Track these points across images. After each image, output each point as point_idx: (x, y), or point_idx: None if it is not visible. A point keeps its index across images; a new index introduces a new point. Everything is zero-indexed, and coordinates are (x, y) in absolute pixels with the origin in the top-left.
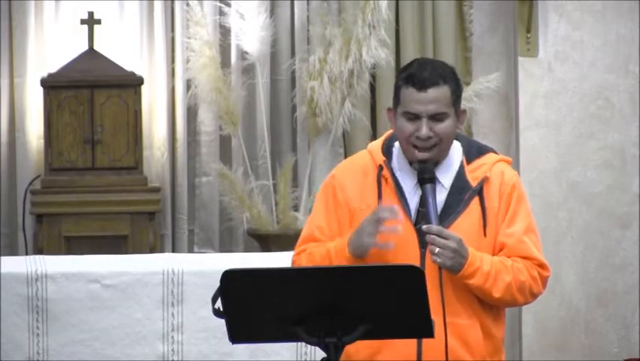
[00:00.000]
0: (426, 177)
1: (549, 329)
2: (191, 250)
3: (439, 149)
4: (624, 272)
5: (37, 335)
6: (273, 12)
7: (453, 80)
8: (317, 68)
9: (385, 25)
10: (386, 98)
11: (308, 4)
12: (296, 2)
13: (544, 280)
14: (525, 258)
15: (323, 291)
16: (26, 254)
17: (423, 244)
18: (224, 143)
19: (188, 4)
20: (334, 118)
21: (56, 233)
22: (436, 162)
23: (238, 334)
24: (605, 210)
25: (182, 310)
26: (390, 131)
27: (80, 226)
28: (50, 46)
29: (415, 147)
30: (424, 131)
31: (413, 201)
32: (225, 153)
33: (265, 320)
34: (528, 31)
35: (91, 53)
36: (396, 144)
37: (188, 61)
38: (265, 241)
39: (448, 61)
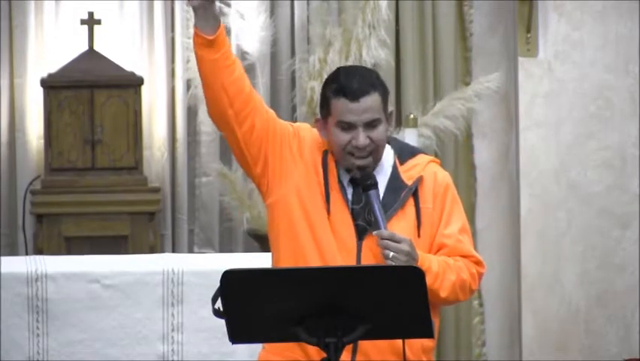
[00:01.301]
0: (369, 183)
1: (549, 329)
2: (191, 250)
3: (375, 154)
4: (624, 272)
5: (37, 335)
6: (273, 12)
7: (380, 85)
8: (317, 68)
9: (385, 25)
10: None
11: (308, 4)
12: (296, 2)
13: (480, 277)
14: (463, 256)
15: (323, 291)
16: (26, 254)
17: (360, 236)
18: (224, 143)
19: (188, 4)
20: None
21: (56, 233)
22: (374, 167)
23: (238, 334)
24: (604, 210)
25: (182, 310)
26: None
27: (80, 226)
28: (50, 46)
29: (352, 154)
30: (361, 140)
31: (349, 196)
32: (225, 153)
33: (265, 320)
34: (528, 31)
35: (91, 53)
36: None
37: (188, 61)
38: (265, 241)
39: (448, 61)
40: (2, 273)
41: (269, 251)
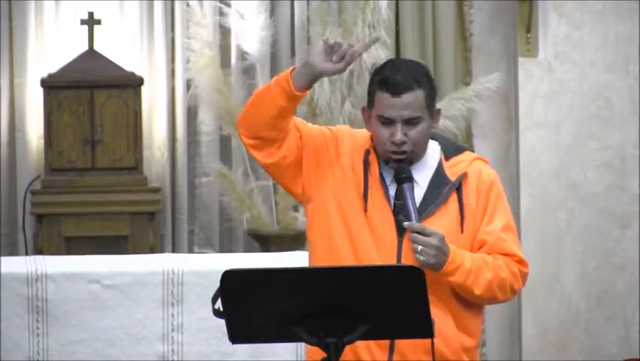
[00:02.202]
0: (403, 177)
1: (549, 329)
2: (191, 251)
3: (413, 151)
4: (624, 272)
5: (37, 335)
6: (273, 12)
7: (427, 82)
8: None
9: (385, 25)
10: None
11: (308, 4)
12: (296, 2)
13: (524, 277)
14: (505, 255)
15: (323, 291)
16: (26, 254)
17: (400, 233)
18: (224, 143)
19: (188, 5)
20: (334, 118)
21: (56, 233)
22: (411, 161)
23: (238, 334)
24: (604, 210)
25: (182, 311)
26: None
27: (80, 226)
28: (50, 46)
29: (389, 149)
30: (399, 136)
31: (392, 191)
32: (225, 153)
33: (265, 320)
34: (528, 31)
35: (91, 53)
36: None
37: (188, 61)
38: (265, 242)
39: (448, 61)
40: (2, 273)
41: (269, 251)
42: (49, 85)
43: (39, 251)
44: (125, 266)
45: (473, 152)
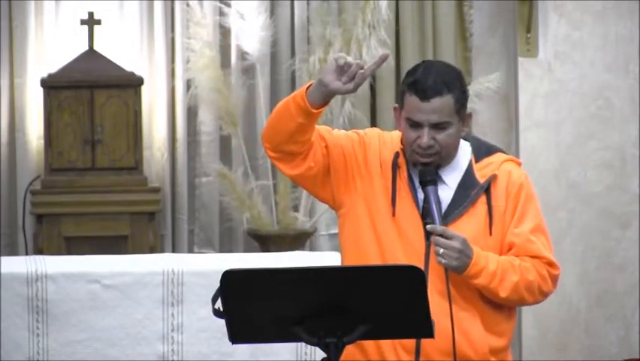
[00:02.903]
0: (428, 180)
1: (549, 329)
2: (191, 250)
3: (439, 156)
4: (624, 272)
5: (37, 335)
6: (273, 12)
7: (458, 87)
8: (317, 68)
9: (385, 25)
10: (386, 98)
11: (308, 4)
12: (296, 2)
13: (554, 279)
14: (534, 257)
15: (323, 291)
16: (26, 254)
17: (428, 236)
18: (224, 143)
19: (188, 5)
20: (334, 118)
21: (56, 233)
22: (439, 165)
23: (238, 334)
24: (604, 210)
25: (182, 311)
26: None
27: (80, 226)
28: (50, 46)
29: (417, 153)
30: (425, 140)
31: (420, 195)
32: (225, 153)
33: (265, 320)
34: (528, 31)
35: (91, 53)
36: None
37: (188, 61)
38: (265, 242)
39: (448, 61)
40: (2, 273)
41: (269, 251)
42: (49, 85)
43: (39, 251)
44: (125, 266)
45: (506, 153)
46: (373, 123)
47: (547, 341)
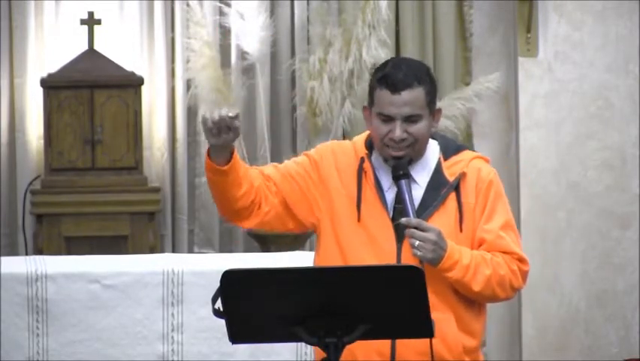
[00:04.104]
0: (400, 174)
1: (549, 329)
2: (191, 250)
3: (412, 148)
4: (624, 272)
5: (37, 335)
6: (273, 12)
7: (427, 80)
8: (317, 68)
9: (385, 25)
10: None
11: (308, 4)
12: (296, 2)
13: (524, 275)
14: (504, 253)
15: (323, 291)
16: (26, 254)
17: (399, 239)
18: None
19: (188, 5)
20: (334, 118)
21: (56, 233)
22: (410, 160)
23: (238, 334)
24: (604, 210)
25: (182, 310)
26: None
27: (80, 226)
28: (50, 46)
29: (389, 146)
30: (398, 133)
31: (390, 196)
32: None
33: (265, 320)
34: (528, 31)
35: (91, 53)
36: None
37: (188, 61)
38: (265, 241)
39: (448, 61)
40: (2, 273)
41: (269, 251)
42: (49, 85)
43: (39, 251)
44: (125, 266)
45: (474, 151)
46: None
47: (547, 340)
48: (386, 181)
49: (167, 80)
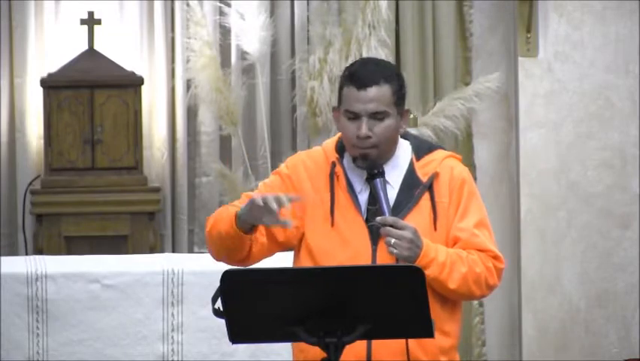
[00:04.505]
0: (375, 173)
1: (549, 329)
2: (191, 250)
3: (377, 149)
4: (624, 272)
5: (37, 335)
6: (273, 12)
7: (395, 80)
8: (317, 68)
9: (385, 25)
10: None
11: (308, 4)
12: (296, 2)
13: (499, 272)
14: (479, 250)
15: (323, 291)
16: (26, 254)
17: (374, 241)
18: (224, 143)
19: (188, 5)
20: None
21: (56, 233)
22: (376, 158)
23: (238, 334)
24: (604, 210)
25: (182, 310)
26: None
27: (80, 226)
28: (50, 46)
29: (356, 145)
30: (363, 130)
31: (363, 198)
32: (225, 153)
33: (265, 320)
34: (528, 31)
35: (91, 53)
36: None
37: (188, 61)
38: None
39: (448, 61)
40: (2, 273)
41: None
42: (49, 85)
43: (39, 251)
44: (125, 266)
45: (445, 149)
46: None
47: (547, 340)
48: (358, 183)
49: (167, 80)
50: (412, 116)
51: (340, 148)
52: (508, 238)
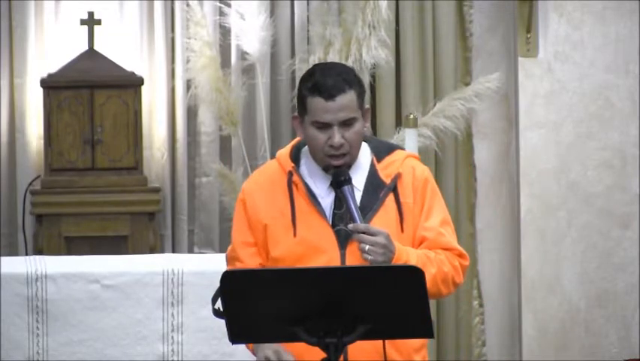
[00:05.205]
0: (342, 180)
1: (549, 329)
2: (191, 250)
3: (350, 155)
4: (624, 272)
5: (37, 335)
6: (273, 12)
7: (356, 82)
8: None
9: (385, 25)
10: (386, 99)
11: (308, 4)
12: (296, 2)
13: (464, 270)
14: (445, 249)
15: (323, 291)
16: (26, 254)
17: (342, 245)
18: (224, 143)
19: (188, 5)
20: None
21: (56, 233)
22: (349, 165)
23: (238, 334)
24: (604, 210)
25: (182, 311)
26: (298, 138)
27: (80, 226)
28: (50, 46)
29: (329, 155)
30: (337, 139)
31: (326, 203)
32: (225, 153)
33: (265, 320)
34: (528, 31)
35: (91, 53)
36: (305, 149)
37: (188, 61)
38: None
39: (448, 61)
40: (2, 273)
41: None
42: (49, 85)
43: (39, 251)
44: (125, 266)
45: (403, 149)
46: (373, 123)
47: (547, 340)
48: (319, 189)
49: (167, 80)
50: (412, 116)
51: (295, 156)
52: (508, 238)
